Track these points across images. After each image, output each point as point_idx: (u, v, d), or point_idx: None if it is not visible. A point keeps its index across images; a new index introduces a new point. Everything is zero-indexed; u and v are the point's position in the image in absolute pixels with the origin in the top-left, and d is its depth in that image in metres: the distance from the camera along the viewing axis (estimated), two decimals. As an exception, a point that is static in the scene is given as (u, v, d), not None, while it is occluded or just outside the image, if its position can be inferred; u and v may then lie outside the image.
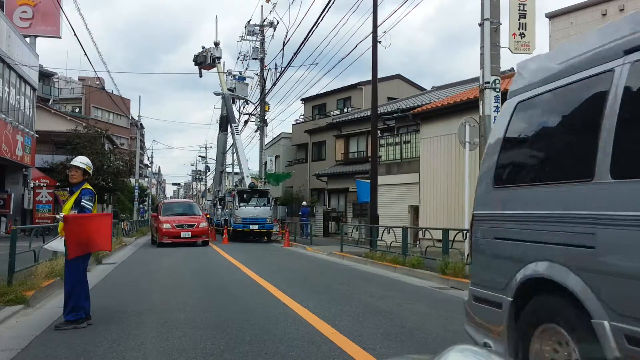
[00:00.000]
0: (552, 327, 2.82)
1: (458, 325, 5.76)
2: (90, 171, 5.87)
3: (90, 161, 6.11)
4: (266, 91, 28.10)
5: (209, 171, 60.28)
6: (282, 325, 5.54)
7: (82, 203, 5.55)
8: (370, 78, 17.75)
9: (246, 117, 31.49)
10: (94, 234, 5.47)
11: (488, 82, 9.17)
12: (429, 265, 10.37)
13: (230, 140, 30.97)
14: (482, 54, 9.28)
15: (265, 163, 30.62)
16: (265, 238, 23.79)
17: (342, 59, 52.77)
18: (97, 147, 30.75)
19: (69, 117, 35.07)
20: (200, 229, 19.82)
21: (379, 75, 17.81)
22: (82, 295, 5.55)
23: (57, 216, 5.83)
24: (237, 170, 32.29)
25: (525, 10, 9.49)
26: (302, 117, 40.44)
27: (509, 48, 9.45)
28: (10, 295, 6.47)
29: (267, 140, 32.19)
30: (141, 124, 56.45)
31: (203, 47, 30.36)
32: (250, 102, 30.77)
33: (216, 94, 29.98)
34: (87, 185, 5.72)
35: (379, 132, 19.99)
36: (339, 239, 17.04)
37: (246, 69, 30.67)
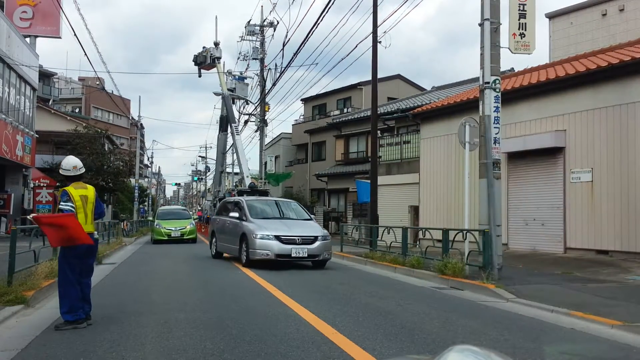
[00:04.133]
0: None
1: (458, 325, 5.77)
2: (69, 172, 5.80)
3: (79, 160, 6.08)
4: (266, 91, 28.10)
5: (209, 171, 60.25)
6: (282, 325, 5.54)
7: (59, 207, 5.62)
8: (370, 78, 17.77)
9: (246, 117, 31.46)
10: (68, 230, 5.42)
11: (488, 82, 9.16)
12: (429, 265, 10.36)
13: (230, 141, 30.94)
14: (482, 54, 9.28)
15: (265, 163, 30.61)
16: None
17: (342, 59, 52.79)
18: (97, 147, 30.76)
19: (69, 117, 35.08)
20: None
21: (379, 75, 17.82)
22: (74, 295, 5.53)
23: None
24: (237, 170, 32.28)
25: (525, 10, 9.48)
26: (302, 117, 40.45)
27: (509, 48, 9.44)
28: (10, 295, 6.46)
29: (267, 140, 32.17)
30: (141, 124, 56.49)
31: (204, 47, 30.36)
32: (250, 102, 30.75)
33: (216, 94, 29.94)
34: (67, 187, 5.72)
35: (379, 132, 20.00)
36: (339, 239, 17.02)
37: (246, 69, 30.65)
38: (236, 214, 12.62)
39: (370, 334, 5.22)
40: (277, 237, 11.22)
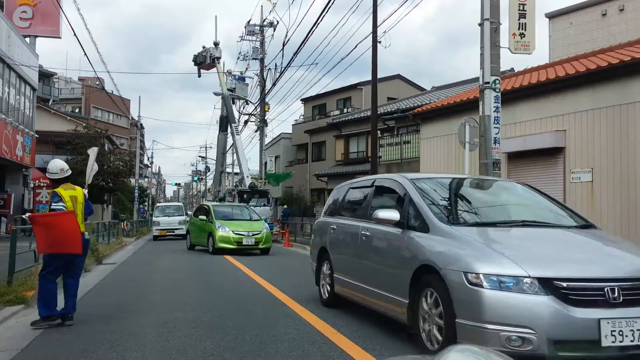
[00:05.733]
0: None
1: (458, 325, 5.77)
2: (57, 175, 5.87)
3: (66, 163, 6.17)
4: (266, 91, 28.10)
5: (209, 171, 60.27)
6: (282, 325, 5.55)
7: (52, 207, 5.69)
8: (370, 78, 17.76)
9: (246, 117, 31.50)
10: (61, 232, 5.48)
11: (488, 82, 9.16)
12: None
13: (230, 141, 30.98)
14: (482, 54, 9.27)
15: (265, 163, 30.63)
16: None
17: (342, 59, 52.91)
18: (97, 147, 30.72)
19: (69, 117, 35.09)
20: None
21: (379, 75, 17.81)
22: (51, 291, 5.58)
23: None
24: (237, 170, 32.30)
25: (525, 10, 9.48)
26: (302, 117, 40.46)
27: (509, 48, 9.44)
28: (10, 295, 6.47)
29: (267, 140, 32.19)
30: (141, 124, 56.47)
31: (204, 47, 30.39)
32: (250, 102, 30.78)
33: (216, 94, 30.00)
34: (56, 189, 5.79)
35: (379, 132, 19.99)
36: (339, 239, 16.99)
37: (246, 69, 30.67)
38: (392, 214, 5.13)
39: (370, 333, 5.22)
40: (557, 292, 3.78)
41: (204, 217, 16.93)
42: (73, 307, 5.71)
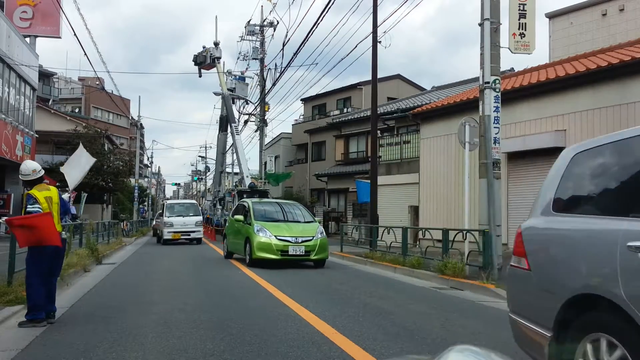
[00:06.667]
0: None
1: (458, 325, 5.76)
2: (30, 176, 5.96)
3: (38, 164, 6.31)
4: (266, 91, 28.09)
5: (209, 171, 60.26)
6: (282, 326, 5.54)
7: (27, 210, 5.73)
8: (370, 78, 17.76)
9: (246, 117, 31.47)
10: (39, 230, 5.55)
11: (488, 82, 9.16)
12: (429, 265, 10.37)
13: (230, 141, 30.96)
14: (482, 54, 9.28)
15: (265, 163, 30.61)
16: None
17: (342, 59, 52.97)
18: (97, 147, 30.75)
19: (68, 117, 35.07)
20: None
21: (379, 75, 17.81)
22: (38, 296, 5.61)
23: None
24: (237, 170, 32.27)
25: (525, 10, 9.49)
26: (302, 117, 40.47)
27: (509, 48, 9.45)
28: (10, 295, 6.48)
29: (267, 140, 32.18)
30: (141, 124, 56.44)
31: (204, 47, 30.38)
32: (250, 102, 30.76)
33: (216, 94, 29.98)
34: (31, 191, 5.83)
35: (379, 132, 19.98)
36: (339, 239, 17.04)
37: (246, 69, 30.66)
38: None
39: (370, 334, 5.22)
40: None
41: (241, 218, 13.24)
42: (54, 306, 5.85)
